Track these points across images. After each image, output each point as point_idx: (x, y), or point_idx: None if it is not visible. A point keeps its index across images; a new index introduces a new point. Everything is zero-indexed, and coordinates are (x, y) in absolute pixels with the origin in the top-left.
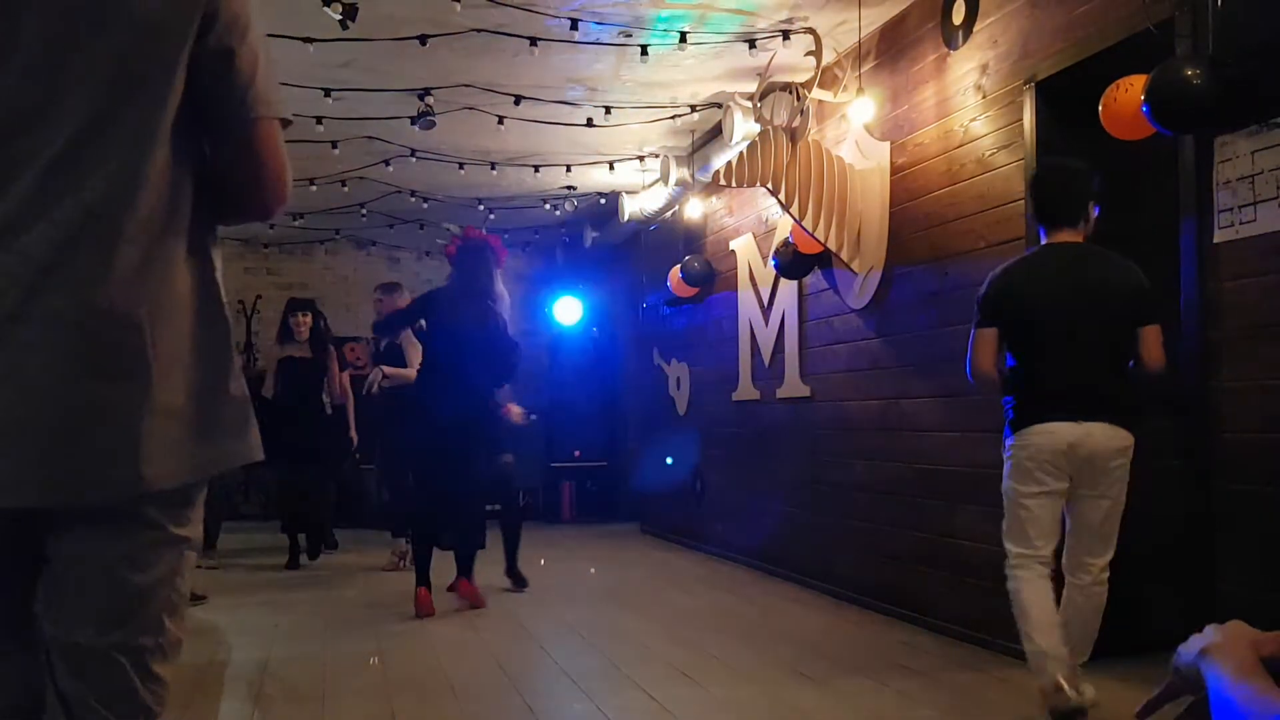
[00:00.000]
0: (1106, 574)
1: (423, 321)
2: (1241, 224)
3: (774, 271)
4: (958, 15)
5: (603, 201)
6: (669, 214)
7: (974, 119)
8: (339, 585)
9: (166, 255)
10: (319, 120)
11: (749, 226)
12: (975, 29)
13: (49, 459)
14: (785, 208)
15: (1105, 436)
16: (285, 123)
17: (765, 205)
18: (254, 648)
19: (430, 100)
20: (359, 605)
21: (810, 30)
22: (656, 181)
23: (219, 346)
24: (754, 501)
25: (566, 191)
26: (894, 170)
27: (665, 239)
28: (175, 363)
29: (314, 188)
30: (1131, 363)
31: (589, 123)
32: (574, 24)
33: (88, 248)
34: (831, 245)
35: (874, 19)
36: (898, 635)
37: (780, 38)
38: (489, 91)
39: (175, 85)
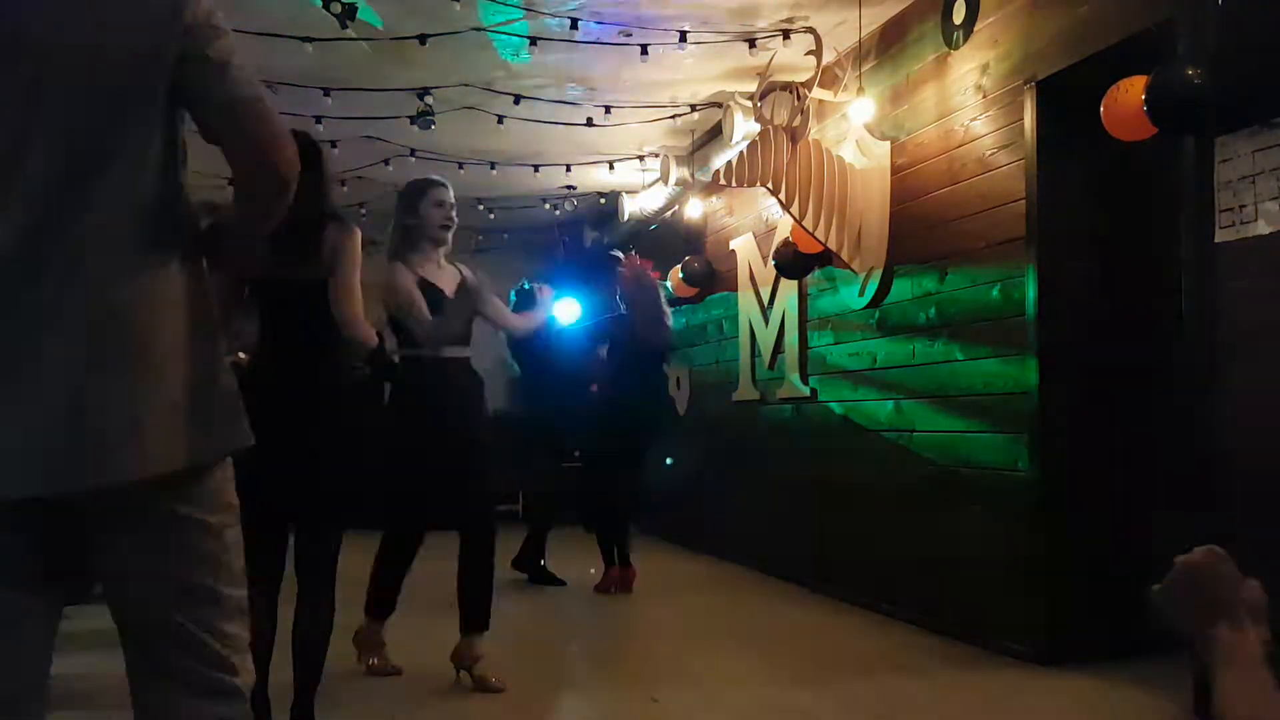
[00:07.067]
0: None
1: None
2: (1242, 224)
3: (774, 271)
4: (958, 15)
5: (603, 201)
6: (669, 214)
7: (974, 119)
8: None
9: (164, 262)
10: (319, 120)
11: (749, 226)
12: (975, 29)
13: (60, 449)
14: (785, 207)
15: None
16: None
17: (765, 205)
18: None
19: (430, 100)
20: (359, 605)
21: (810, 30)
22: (656, 181)
23: (209, 344)
24: (754, 502)
25: (566, 191)
26: (894, 170)
27: (665, 239)
28: (172, 359)
29: None
30: None
31: (589, 123)
32: (574, 24)
33: (97, 258)
34: (832, 245)
35: (874, 18)
36: (898, 636)
37: (780, 37)
38: (489, 91)
39: (161, 106)
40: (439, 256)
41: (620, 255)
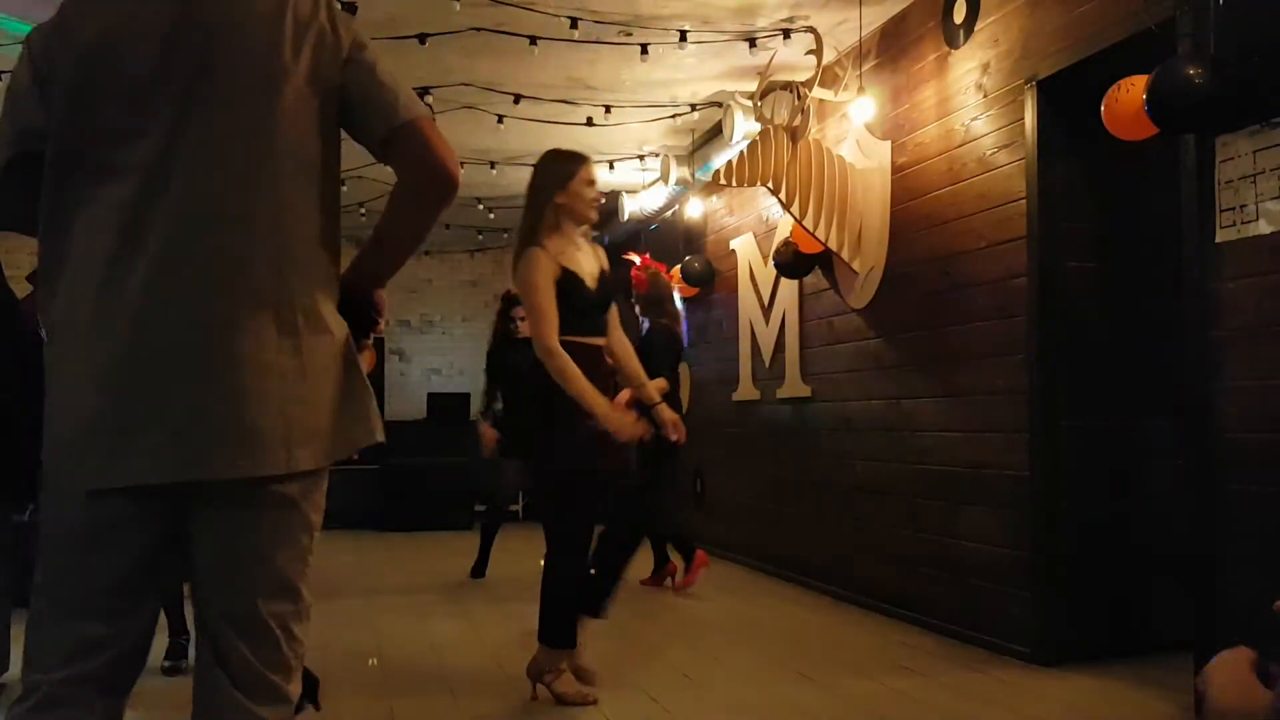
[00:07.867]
0: None
1: None
2: (1243, 224)
3: (774, 271)
4: (959, 14)
5: (602, 201)
6: (669, 213)
7: (975, 118)
8: (338, 584)
9: (320, 268)
10: None
11: (749, 226)
12: (976, 28)
13: (225, 438)
14: (786, 207)
15: None
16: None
17: (766, 205)
18: None
19: (429, 100)
20: (357, 605)
21: (811, 29)
22: (656, 181)
23: (351, 349)
24: (754, 502)
25: None
26: (895, 169)
27: (665, 239)
28: (329, 355)
29: None
30: None
31: (589, 122)
32: (574, 23)
33: (261, 265)
34: (832, 245)
35: (875, 18)
36: (898, 635)
37: (781, 36)
38: (489, 91)
39: (328, 121)
40: (578, 236)
41: (635, 259)
